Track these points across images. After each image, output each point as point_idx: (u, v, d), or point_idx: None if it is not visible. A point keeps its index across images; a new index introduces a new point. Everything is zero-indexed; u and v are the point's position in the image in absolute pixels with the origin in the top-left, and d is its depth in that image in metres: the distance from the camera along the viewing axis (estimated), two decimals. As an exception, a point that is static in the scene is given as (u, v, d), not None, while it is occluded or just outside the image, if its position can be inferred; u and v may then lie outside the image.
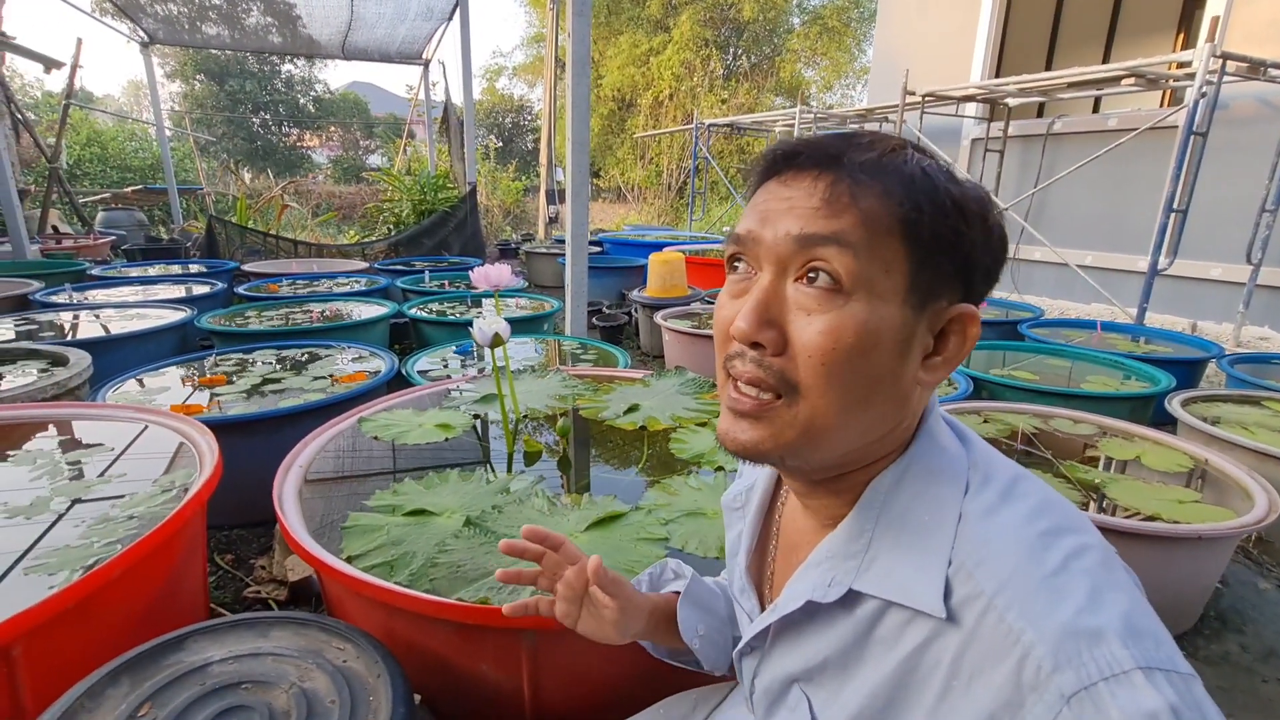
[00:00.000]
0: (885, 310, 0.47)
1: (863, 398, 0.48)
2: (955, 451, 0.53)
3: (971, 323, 0.50)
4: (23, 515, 1.23)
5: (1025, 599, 0.42)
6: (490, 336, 1.49)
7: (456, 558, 1.14)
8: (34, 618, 0.87)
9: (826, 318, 0.47)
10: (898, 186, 0.47)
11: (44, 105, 13.89)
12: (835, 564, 0.53)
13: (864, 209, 0.47)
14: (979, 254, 0.50)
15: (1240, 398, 2.61)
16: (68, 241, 6.76)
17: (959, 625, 0.45)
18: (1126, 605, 0.42)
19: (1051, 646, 0.40)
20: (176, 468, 1.44)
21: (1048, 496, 0.50)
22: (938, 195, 0.48)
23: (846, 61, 16.74)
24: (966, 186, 0.50)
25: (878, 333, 0.47)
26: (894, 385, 0.50)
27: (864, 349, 0.47)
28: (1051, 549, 0.45)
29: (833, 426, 0.49)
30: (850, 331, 0.46)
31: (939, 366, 0.51)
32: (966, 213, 0.49)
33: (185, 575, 1.25)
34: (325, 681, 0.88)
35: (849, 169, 0.48)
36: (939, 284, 0.49)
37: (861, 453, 0.52)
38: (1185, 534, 1.50)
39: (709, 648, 0.77)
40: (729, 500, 0.74)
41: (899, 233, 0.47)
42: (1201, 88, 3.70)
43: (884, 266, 0.47)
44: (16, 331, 2.98)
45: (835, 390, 0.48)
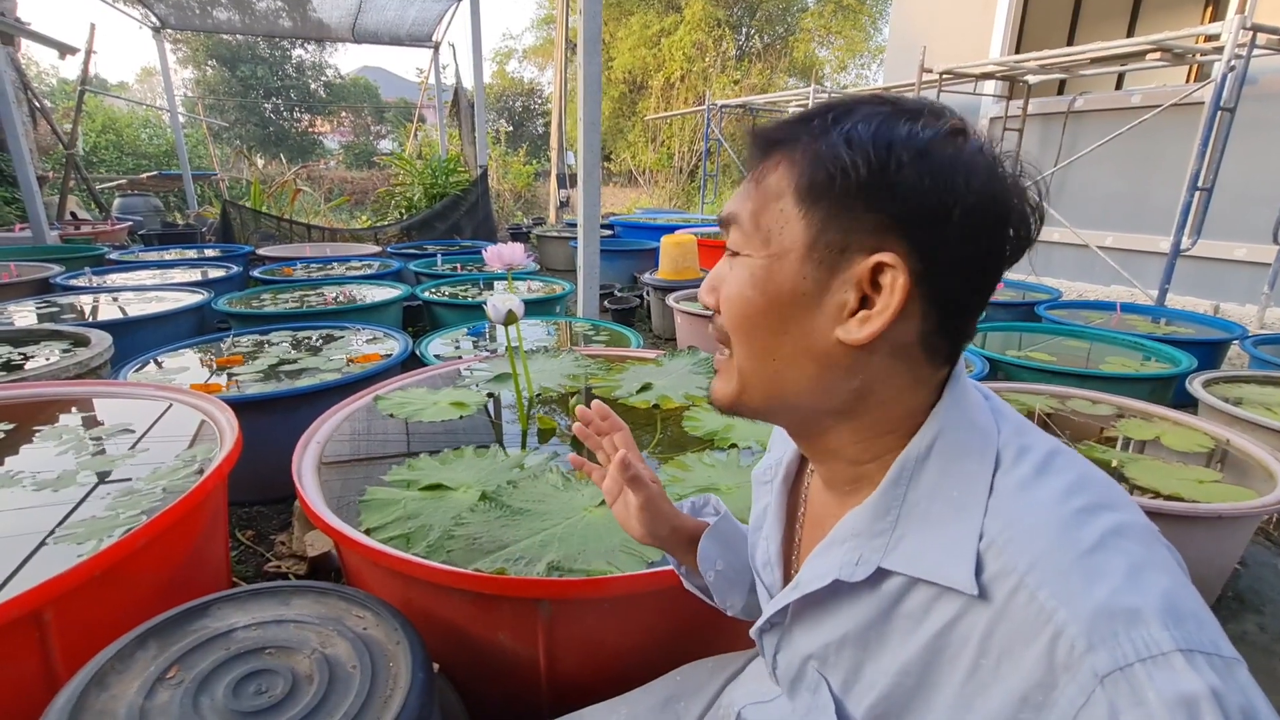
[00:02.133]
0: (778, 264, 0.50)
1: (768, 345, 0.52)
2: (986, 425, 0.51)
3: (892, 272, 0.46)
4: (51, 488, 1.26)
5: (1058, 577, 0.41)
6: (505, 313, 1.50)
7: (473, 530, 1.15)
8: (64, 583, 0.90)
9: (731, 276, 0.53)
10: (798, 150, 0.49)
11: (59, 93, 14.01)
12: (862, 542, 0.52)
13: (761, 181, 0.51)
14: (926, 207, 0.45)
15: (1263, 378, 2.56)
16: (86, 227, 6.84)
17: (989, 602, 0.43)
18: (1167, 585, 0.40)
19: (1085, 626, 0.38)
20: (197, 444, 1.47)
21: (1086, 472, 0.48)
22: (823, 150, 0.47)
23: (862, 40, 16.44)
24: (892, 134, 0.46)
25: (770, 285, 0.50)
26: (804, 339, 0.50)
27: (756, 300, 0.51)
28: (1087, 526, 0.43)
29: (751, 372, 0.54)
30: (744, 284, 0.52)
31: (864, 322, 0.48)
32: (901, 160, 0.45)
33: (208, 547, 1.28)
34: (346, 648, 0.90)
35: (771, 144, 0.51)
36: (853, 237, 0.47)
37: (821, 411, 0.53)
38: (1205, 513, 1.48)
39: (723, 583, 0.79)
40: (759, 474, 0.74)
41: (790, 194, 0.49)
42: (1230, 61, 3.59)
43: (776, 227, 0.50)
44: (39, 314, 3.03)
45: (743, 336, 0.53)
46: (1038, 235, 0.50)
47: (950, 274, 0.47)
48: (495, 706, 1.12)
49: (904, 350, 0.49)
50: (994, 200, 0.46)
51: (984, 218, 0.46)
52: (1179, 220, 3.89)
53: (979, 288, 0.49)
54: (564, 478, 1.37)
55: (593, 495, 1.29)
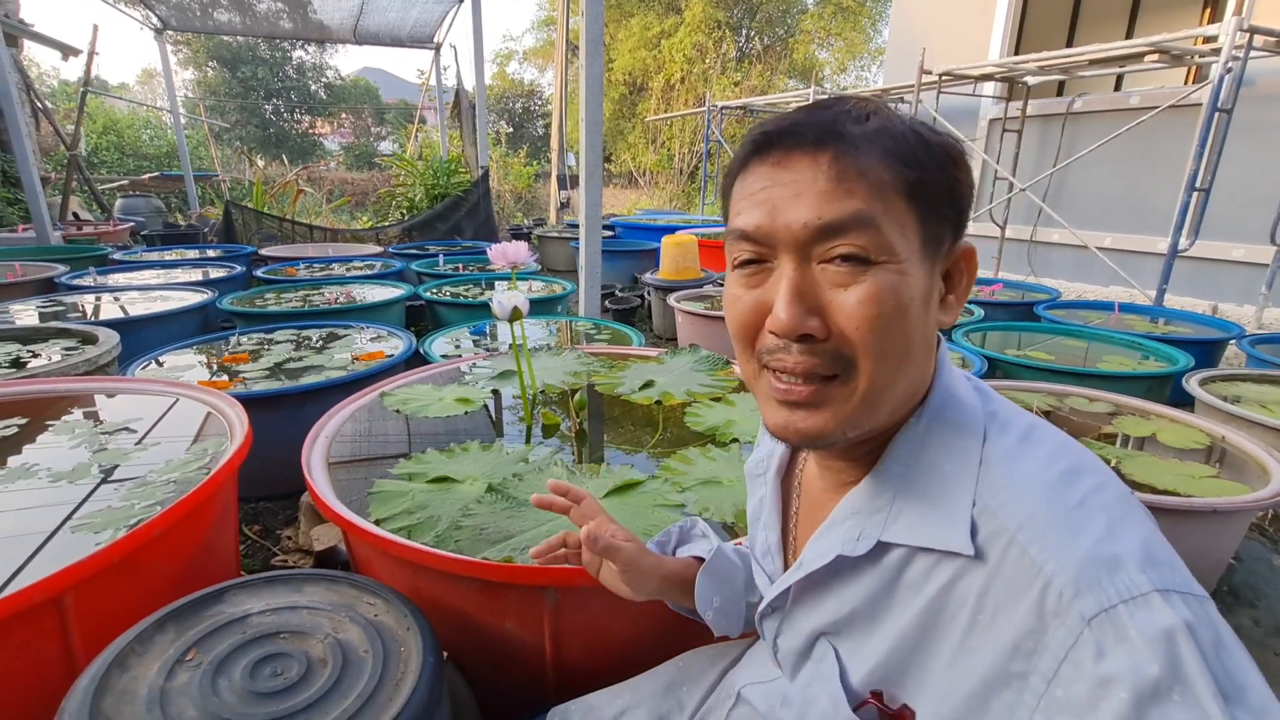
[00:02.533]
0: (910, 269, 0.49)
1: (907, 354, 0.50)
2: (972, 403, 0.55)
3: (971, 257, 0.54)
4: (66, 480, 1.28)
5: (1047, 532, 0.44)
6: (510, 309, 1.52)
7: (479, 521, 1.17)
8: (83, 570, 0.92)
9: (863, 288, 0.48)
10: (896, 148, 0.49)
11: (60, 94, 14.04)
12: (862, 519, 0.55)
13: (872, 179, 0.48)
14: (967, 196, 0.53)
15: (1260, 377, 2.58)
16: (88, 227, 6.86)
17: (984, 561, 0.47)
18: (1144, 535, 0.44)
19: (1073, 574, 0.42)
20: (207, 438, 1.49)
21: (1064, 441, 0.52)
22: (932, 150, 0.50)
23: (861, 42, 16.49)
24: (943, 136, 0.52)
25: (909, 291, 0.49)
26: (926, 335, 0.52)
27: (902, 309, 0.48)
28: (1071, 487, 0.47)
29: (886, 388, 0.51)
30: (889, 295, 0.48)
31: (953, 305, 0.54)
32: (956, 160, 0.51)
33: (219, 538, 1.30)
34: (358, 633, 0.92)
35: (848, 139, 0.48)
36: (943, 231, 0.52)
37: (901, 408, 0.54)
38: (1200, 507, 1.50)
39: (721, 618, 0.80)
40: (752, 467, 0.76)
41: (905, 193, 0.49)
42: (1227, 63, 3.62)
43: (901, 230, 0.49)
44: (45, 313, 3.05)
45: (886, 353, 0.49)
46: None
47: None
48: (502, 693, 1.14)
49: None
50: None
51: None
52: (1177, 221, 3.92)
53: None
54: (569, 471, 1.39)
55: (597, 488, 1.31)
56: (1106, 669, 0.39)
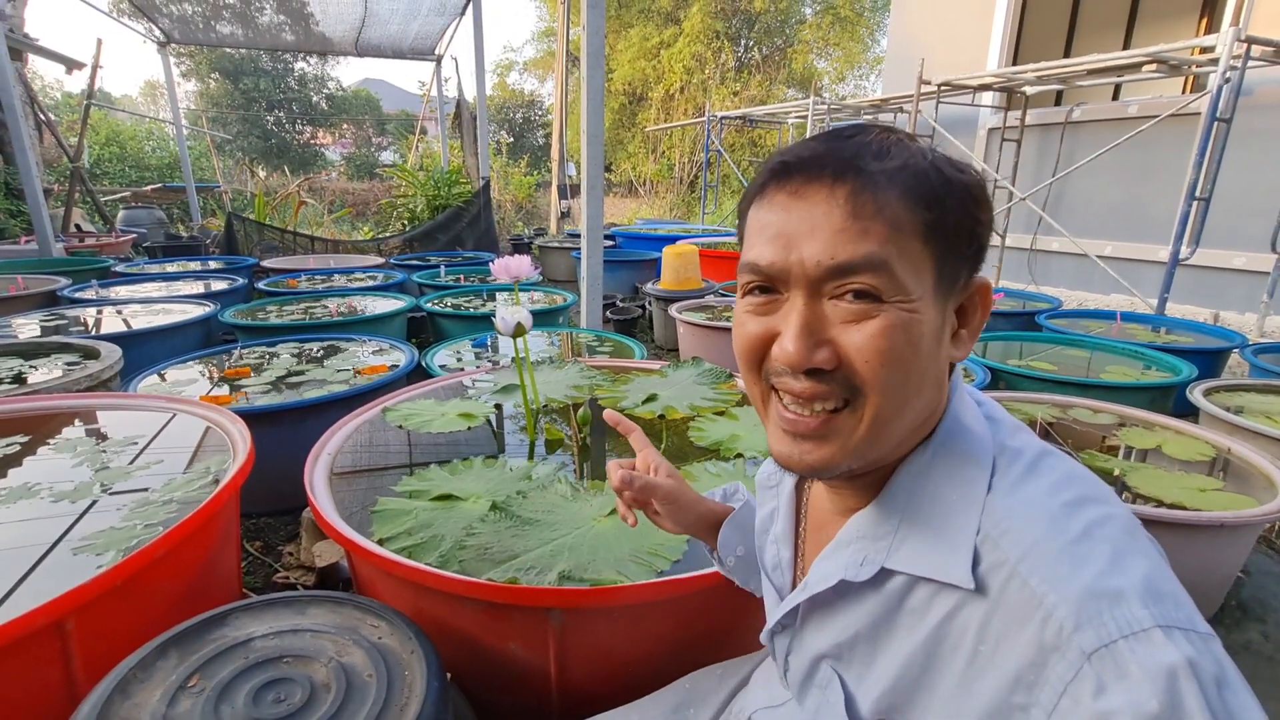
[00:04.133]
0: (923, 308, 0.49)
1: (916, 389, 0.50)
2: (981, 432, 0.54)
3: (987, 293, 0.54)
4: (67, 499, 1.27)
5: (1048, 564, 0.44)
6: (513, 326, 1.52)
7: (484, 540, 1.17)
8: (85, 594, 0.91)
9: (873, 325, 0.48)
10: (916, 187, 0.48)
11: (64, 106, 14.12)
12: (866, 544, 0.55)
13: (889, 219, 0.47)
14: (988, 234, 0.52)
15: (1264, 387, 2.58)
16: (91, 239, 6.89)
17: (985, 593, 0.46)
18: (1147, 568, 0.43)
19: (1073, 608, 0.41)
20: (209, 456, 1.48)
21: (1073, 470, 0.51)
22: (953, 189, 0.49)
23: (859, 52, 16.58)
24: (968, 172, 0.51)
25: (920, 329, 0.49)
26: (936, 370, 0.52)
27: (913, 346, 0.48)
28: (1074, 517, 0.46)
29: (892, 421, 0.50)
30: (900, 334, 0.48)
31: (965, 340, 0.54)
32: (977, 199, 0.51)
33: (222, 557, 1.30)
34: (362, 656, 0.92)
35: (867, 175, 0.48)
36: (959, 269, 0.51)
37: (908, 440, 0.54)
38: (1207, 521, 1.49)
39: (743, 568, 0.83)
40: (763, 479, 0.76)
41: (922, 235, 0.48)
42: (1225, 73, 3.64)
43: (915, 271, 0.48)
44: (46, 326, 3.05)
45: (894, 388, 0.49)
46: None
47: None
48: (506, 716, 1.13)
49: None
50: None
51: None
52: (1177, 229, 3.92)
53: None
54: (572, 488, 1.38)
55: (602, 505, 1.30)
56: (1105, 705, 0.39)
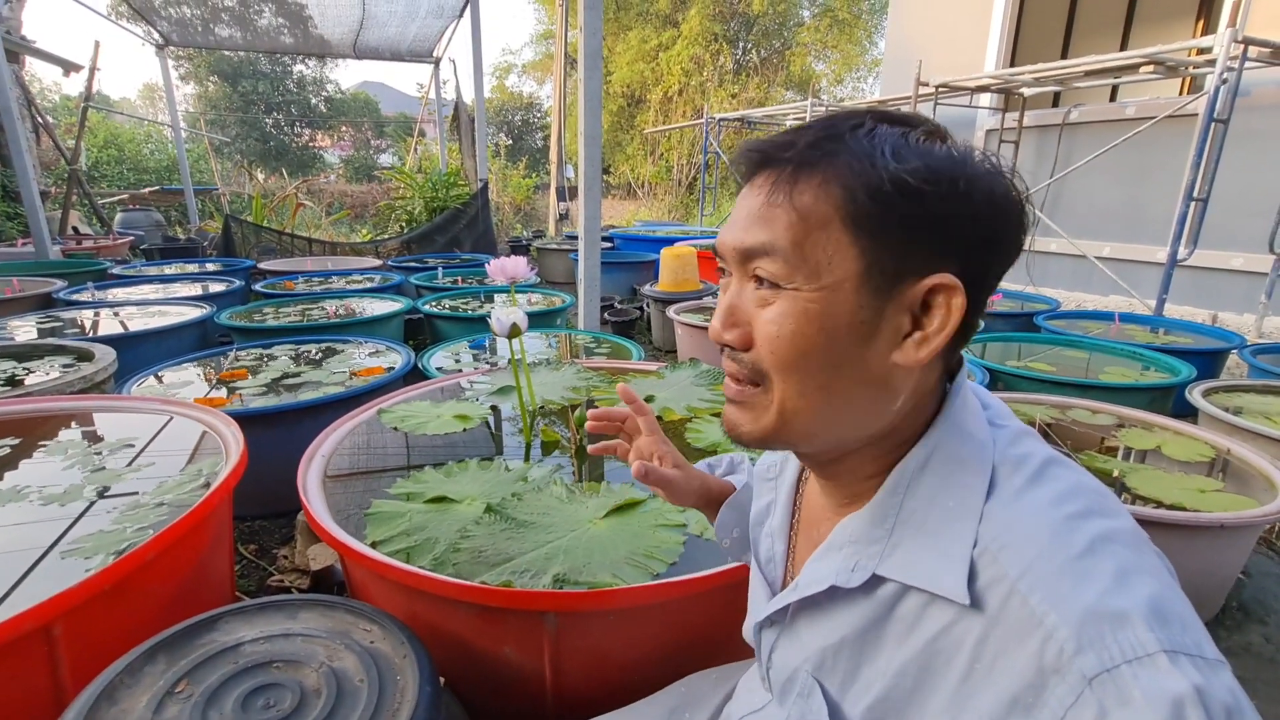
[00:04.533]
0: (832, 298, 0.47)
1: (824, 382, 0.50)
2: (982, 437, 0.53)
3: (950, 293, 0.47)
4: (57, 503, 1.26)
5: (1049, 582, 0.42)
6: (509, 326, 1.51)
7: (478, 543, 1.16)
8: (73, 598, 0.90)
9: (771, 310, 0.50)
10: (838, 173, 0.47)
11: (62, 108, 14.12)
12: (859, 549, 0.54)
13: (799, 207, 0.47)
14: (961, 225, 0.47)
15: (1263, 388, 2.57)
16: (88, 242, 6.87)
17: (983, 608, 0.44)
18: (1154, 588, 0.41)
19: (1074, 629, 0.39)
20: (202, 458, 1.47)
21: (1079, 481, 0.49)
22: (900, 175, 0.45)
23: (857, 54, 16.61)
24: (933, 156, 0.47)
25: (824, 320, 0.48)
26: (860, 369, 0.49)
27: (810, 335, 0.48)
28: (1078, 532, 0.44)
29: (801, 409, 0.51)
30: (792, 321, 0.48)
31: (921, 344, 0.49)
32: (939, 184, 0.46)
33: (213, 561, 1.28)
34: (354, 661, 0.90)
35: (790, 163, 0.48)
36: (908, 262, 0.47)
37: (861, 438, 0.53)
38: (1207, 522, 1.49)
39: (739, 547, 0.83)
40: (761, 470, 0.75)
41: (840, 222, 0.47)
42: (1223, 74, 3.64)
43: (826, 259, 0.47)
44: (42, 329, 3.04)
45: (793, 375, 0.50)
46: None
47: (982, 290, 0.50)
48: (501, 720, 1.12)
49: (932, 366, 0.52)
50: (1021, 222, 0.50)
51: (1018, 238, 0.50)
52: (1175, 230, 3.92)
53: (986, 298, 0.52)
54: (568, 490, 1.37)
55: (597, 508, 1.29)
56: None
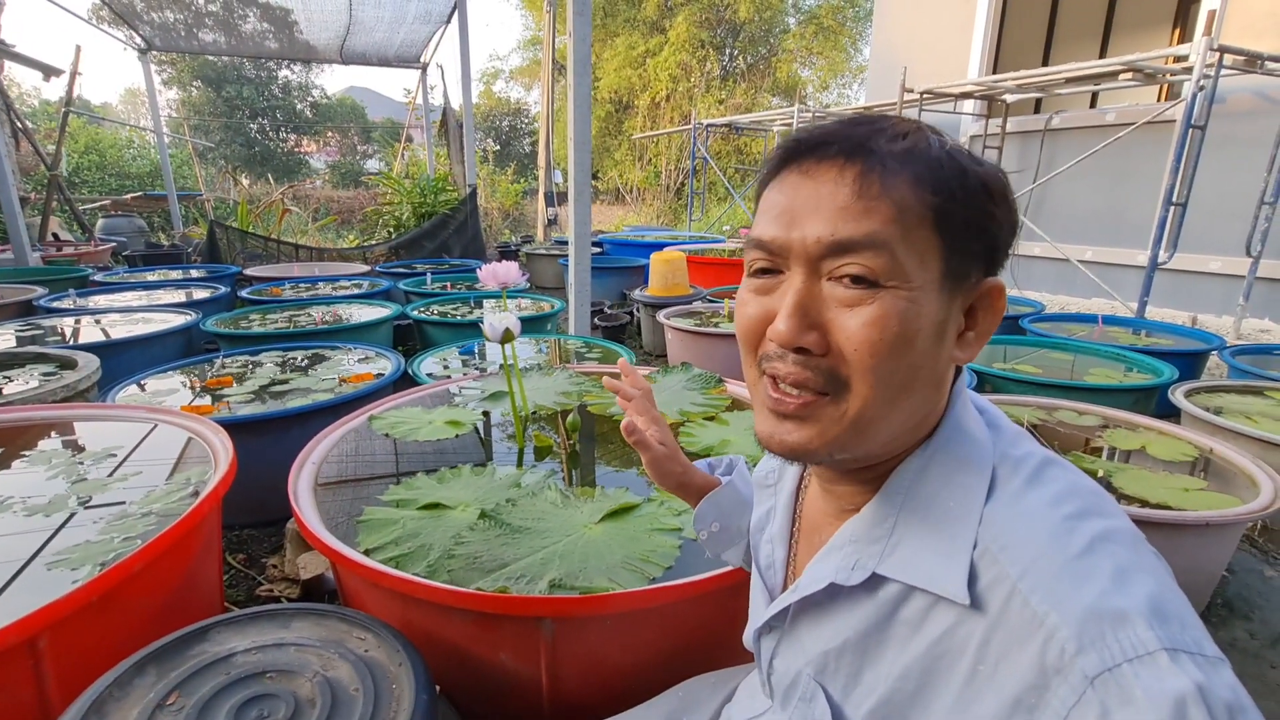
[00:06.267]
0: (923, 298, 0.47)
1: (906, 385, 0.49)
2: (982, 438, 0.53)
3: (999, 295, 0.52)
4: (42, 513, 1.24)
5: (1049, 582, 0.42)
6: (501, 331, 1.50)
7: (473, 549, 1.15)
8: (59, 610, 0.88)
9: (868, 311, 0.47)
10: (927, 173, 0.47)
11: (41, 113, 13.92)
12: (859, 548, 0.54)
13: (896, 200, 0.46)
14: (1004, 232, 0.51)
15: (1243, 388, 2.62)
16: (69, 248, 6.77)
17: (985, 610, 0.45)
18: (1153, 587, 0.42)
19: (1075, 628, 0.40)
20: (190, 467, 1.45)
21: (1076, 481, 0.50)
22: (967, 179, 0.48)
23: (842, 61, 16.79)
24: (986, 165, 0.50)
25: (918, 321, 0.47)
26: (933, 368, 0.50)
27: (908, 338, 0.47)
28: (1076, 532, 0.44)
29: (879, 418, 0.49)
30: (894, 322, 0.47)
31: (973, 342, 0.52)
32: (993, 193, 0.49)
33: (202, 571, 1.26)
34: (348, 670, 0.89)
35: (877, 157, 0.47)
36: (969, 264, 0.50)
37: (900, 440, 0.53)
38: (1193, 521, 1.51)
39: (716, 542, 0.86)
40: (761, 476, 0.75)
41: (931, 222, 0.47)
42: (1199, 81, 3.72)
43: (919, 258, 0.47)
44: (22, 337, 2.99)
45: (883, 382, 0.48)
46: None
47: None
48: (496, 728, 1.11)
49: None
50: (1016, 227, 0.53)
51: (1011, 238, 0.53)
52: (1155, 234, 3.99)
53: None
54: (562, 495, 1.37)
55: (592, 512, 1.29)
56: None
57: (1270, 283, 4.31)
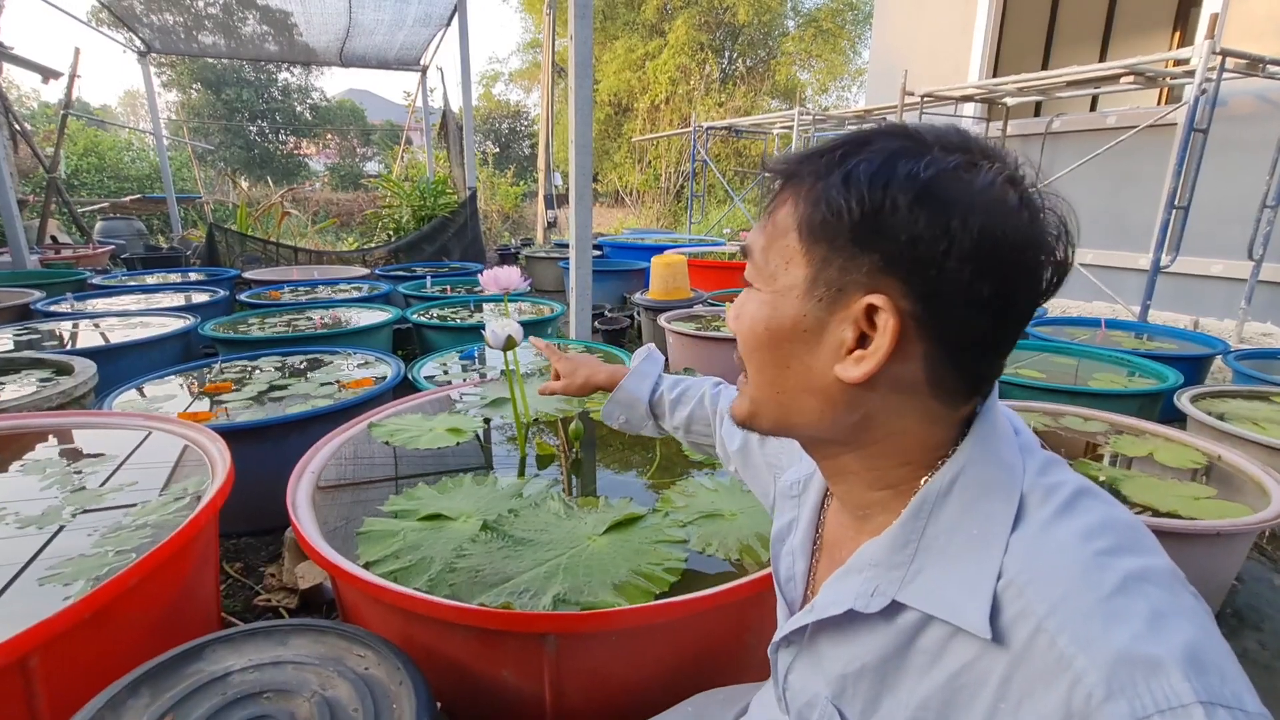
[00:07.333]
0: (784, 301, 0.51)
1: (775, 377, 0.54)
2: (1011, 462, 0.51)
3: (884, 314, 0.46)
4: (35, 525, 1.22)
5: (1078, 622, 0.40)
6: (504, 339, 1.48)
7: (475, 562, 1.13)
8: (51, 628, 0.86)
9: (745, 306, 0.55)
10: (805, 187, 0.50)
11: (40, 116, 13.90)
12: (879, 573, 0.52)
13: (773, 216, 0.52)
14: (918, 248, 0.45)
15: (1249, 393, 2.60)
16: (67, 251, 6.74)
17: (1008, 646, 0.43)
18: (1191, 634, 0.39)
19: (1104, 674, 0.37)
20: (187, 475, 1.43)
21: (1111, 514, 0.47)
22: (831, 191, 0.47)
23: (841, 64, 16.80)
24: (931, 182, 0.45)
25: (774, 321, 0.52)
26: (807, 374, 0.52)
27: (760, 333, 0.53)
28: (1109, 569, 0.42)
29: (761, 399, 0.56)
30: (747, 317, 0.54)
31: (858, 361, 0.48)
32: (881, 206, 0.45)
33: (199, 583, 1.24)
34: (347, 689, 0.87)
35: (783, 175, 0.53)
36: (850, 279, 0.47)
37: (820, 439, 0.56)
38: (1204, 530, 1.49)
39: (629, 426, 1.07)
40: (785, 487, 0.73)
41: (798, 231, 0.50)
42: (1201, 84, 3.71)
43: (782, 263, 0.51)
44: (19, 341, 2.96)
45: (753, 364, 0.55)
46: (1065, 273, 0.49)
47: (952, 315, 0.46)
48: (499, 745, 1.09)
49: (909, 387, 0.49)
50: (999, 241, 0.44)
51: (986, 260, 0.44)
52: (1158, 237, 3.98)
53: (992, 327, 0.47)
54: (565, 506, 1.35)
55: (596, 524, 1.27)
56: None
57: (1272, 286, 4.30)
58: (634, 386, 1.04)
